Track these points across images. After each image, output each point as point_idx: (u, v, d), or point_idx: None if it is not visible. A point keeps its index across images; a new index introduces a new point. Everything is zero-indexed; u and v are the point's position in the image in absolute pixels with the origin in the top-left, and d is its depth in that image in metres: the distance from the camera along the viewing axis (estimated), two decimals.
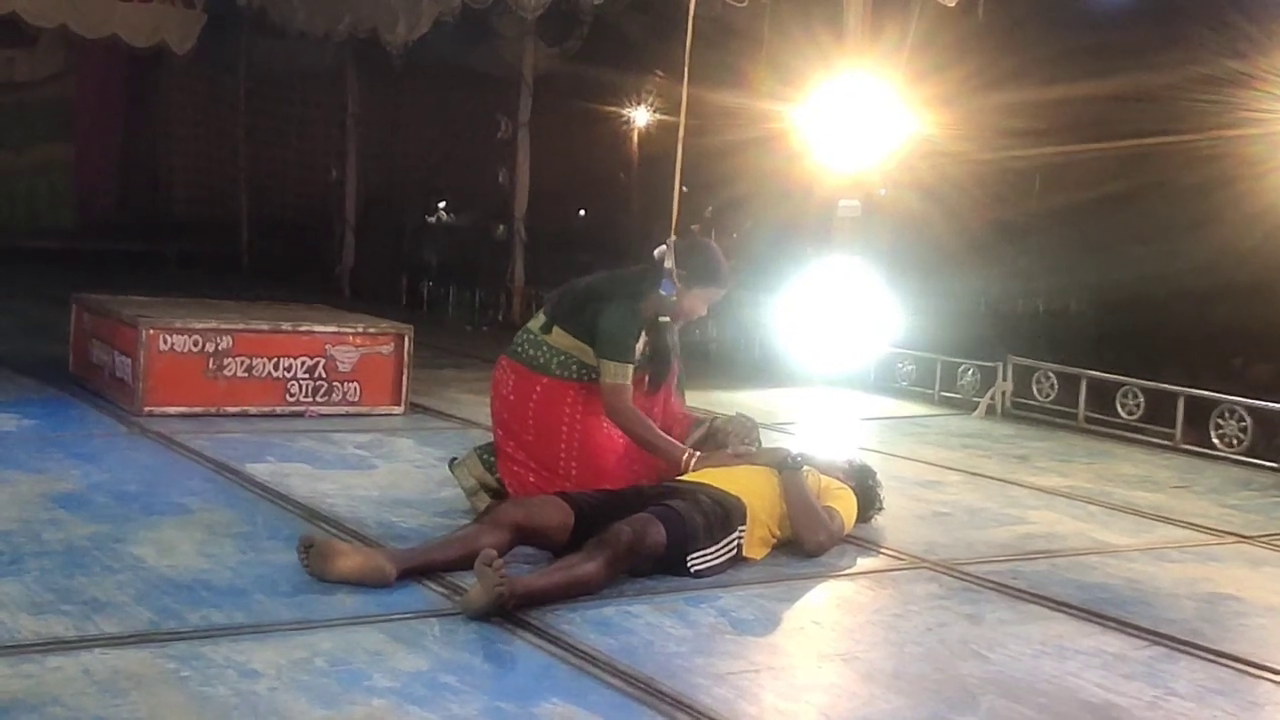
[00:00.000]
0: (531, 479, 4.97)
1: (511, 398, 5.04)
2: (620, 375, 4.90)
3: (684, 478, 4.76)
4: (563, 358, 4.99)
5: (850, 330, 9.04)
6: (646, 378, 5.11)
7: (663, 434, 5.01)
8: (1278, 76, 10.21)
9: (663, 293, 4.99)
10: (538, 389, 5.00)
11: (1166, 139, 11.93)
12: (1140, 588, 4.62)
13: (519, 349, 5.10)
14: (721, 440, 5.08)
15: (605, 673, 3.45)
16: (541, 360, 5.01)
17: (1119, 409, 7.95)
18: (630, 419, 4.92)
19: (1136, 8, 14.83)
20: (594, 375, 4.96)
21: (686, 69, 5.69)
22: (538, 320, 5.14)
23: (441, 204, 18.18)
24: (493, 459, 5.11)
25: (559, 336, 5.01)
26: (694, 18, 5.78)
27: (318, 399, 7.06)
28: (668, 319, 5.09)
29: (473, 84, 15.53)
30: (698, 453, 4.95)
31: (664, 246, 5.09)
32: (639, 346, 5.00)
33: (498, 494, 5.04)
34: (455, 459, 5.28)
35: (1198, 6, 12.67)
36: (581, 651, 3.58)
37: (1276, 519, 5.92)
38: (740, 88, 10.08)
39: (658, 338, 5.14)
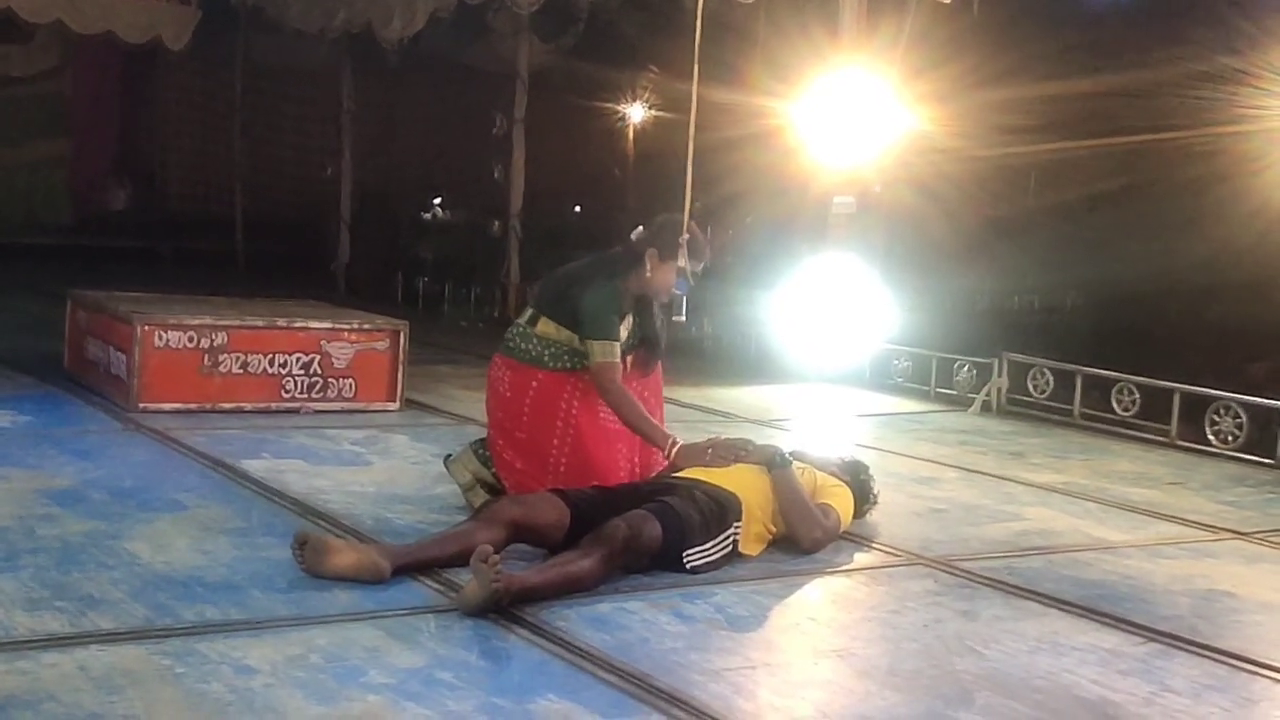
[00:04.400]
0: (523, 475, 4.97)
1: (508, 394, 5.05)
2: (608, 353, 4.92)
3: (679, 474, 4.76)
4: (554, 349, 5.02)
5: (846, 327, 9.06)
6: (630, 359, 5.13)
7: (650, 418, 5.03)
8: (1273, 73, 10.21)
9: (677, 291, 5.11)
10: (534, 384, 5.01)
11: (1162, 135, 11.94)
12: (1136, 584, 4.63)
13: (511, 343, 5.11)
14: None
15: (601, 669, 3.45)
16: (534, 353, 5.03)
17: (1114, 405, 7.96)
18: (620, 398, 4.94)
19: (1132, 4, 14.83)
20: (583, 363, 4.99)
21: (696, 67, 5.70)
22: (525, 313, 5.17)
23: (437, 200, 18.17)
24: (488, 453, 5.12)
25: (546, 327, 5.04)
26: (699, 17, 5.79)
27: (313, 395, 7.05)
28: (652, 297, 5.17)
29: (468, 80, 15.53)
30: (681, 441, 4.96)
31: (640, 229, 5.18)
32: (623, 328, 5.03)
33: (493, 489, 5.05)
34: (450, 455, 5.28)
35: (1194, 3, 12.67)
36: (577, 648, 3.58)
37: (1272, 515, 5.93)
38: (736, 84, 10.07)
39: (644, 321, 5.18)
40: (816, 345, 9.20)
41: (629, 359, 5.11)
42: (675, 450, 4.90)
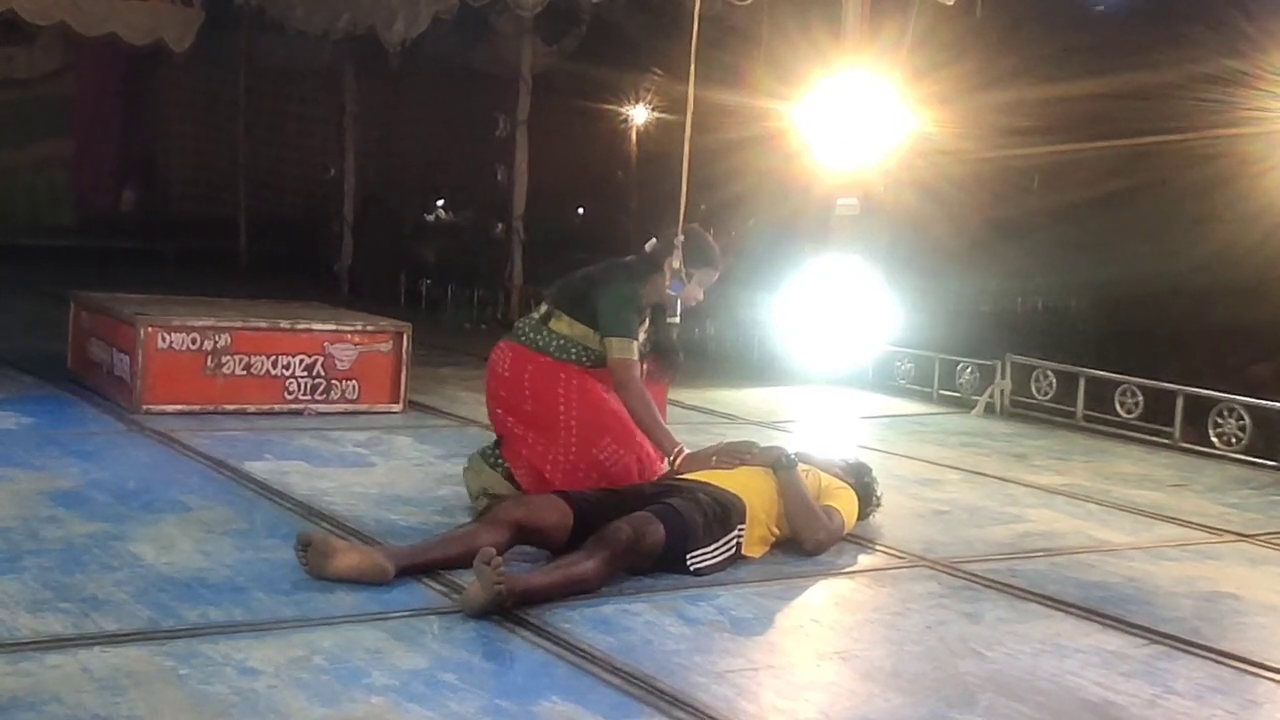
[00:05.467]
0: (536, 452, 4.97)
1: (506, 374, 5.08)
2: (627, 351, 4.96)
3: (684, 476, 4.76)
4: (562, 341, 5.05)
5: (849, 328, 9.05)
6: (644, 367, 5.14)
7: (661, 421, 5.05)
8: (1276, 75, 10.20)
9: (671, 293, 5.10)
10: (531, 366, 5.04)
11: (1165, 138, 11.92)
12: (1139, 586, 4.62)
13: (520, 333, 5.15)
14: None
15: (604, 671, 3.45)
16: (541, 343, 5.07)
17: (1117, 407, 7.95)
18: (637, 395, 4.97)
19: (1135, 6, 14.83)
20: (592, 359, 5.02)
21: (693, 69, 5.70)
22: (540, 309, 5.20)
23: (440, 202, 18.17)
24: (497, 453, 5.12)
25: (560, 324, 5.08)
26: (695, 18, 5.79)
27: (316, 397, 7.06)
28: (669, 309, 5.18)
29: (471, 82, 15.51)
30: (686, 450, 4.96)
31: (654, 240, 5.20)
32: (641, 330, 5.04)
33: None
34: (468, 464, 5.27)
35: (1196, 5, 12.67)
36: (580, 649, 3.58)
37: (1275, 517, 5.92)
38: (739, 86, 10.07)
39: (658, 331, 5.19)
40: (819, 347, 9.19)
41: (644, 366, 5.13)
42: (680, 459, 4.90)
